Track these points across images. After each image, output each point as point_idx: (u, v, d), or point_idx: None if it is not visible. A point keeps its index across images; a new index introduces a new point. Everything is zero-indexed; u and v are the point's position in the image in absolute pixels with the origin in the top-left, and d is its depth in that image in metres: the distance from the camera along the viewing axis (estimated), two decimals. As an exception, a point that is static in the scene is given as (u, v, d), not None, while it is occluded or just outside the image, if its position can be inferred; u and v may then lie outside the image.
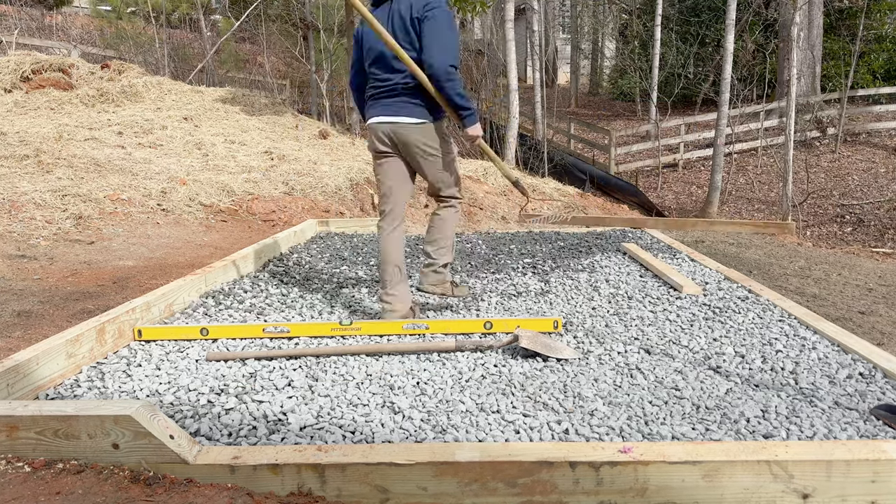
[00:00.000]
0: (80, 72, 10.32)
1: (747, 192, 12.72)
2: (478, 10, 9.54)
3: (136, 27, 18.09)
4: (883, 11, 15.74)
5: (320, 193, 7.15)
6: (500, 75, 17.34)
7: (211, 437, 1.82)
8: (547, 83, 18.35)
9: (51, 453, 1.59)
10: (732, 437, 1.82)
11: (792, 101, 10.38)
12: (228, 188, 6.73)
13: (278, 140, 9.16)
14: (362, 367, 2.34)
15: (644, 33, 18.60)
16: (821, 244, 9.14)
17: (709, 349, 2.54)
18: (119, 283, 4.02)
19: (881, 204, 10.98)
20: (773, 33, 15.88)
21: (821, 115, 14.14)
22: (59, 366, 2.23)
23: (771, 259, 5.96)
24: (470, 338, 2.69)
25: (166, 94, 10.30)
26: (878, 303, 4.56)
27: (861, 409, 1.99)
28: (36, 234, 4.95)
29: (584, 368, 2.34)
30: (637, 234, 5.39)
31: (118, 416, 1.56)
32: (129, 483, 1.50)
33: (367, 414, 1.96)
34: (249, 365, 2.37)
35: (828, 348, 2.53)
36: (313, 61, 15.60)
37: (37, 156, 6.64)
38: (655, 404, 2.03)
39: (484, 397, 2.07)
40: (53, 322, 3.22)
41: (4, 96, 9.25)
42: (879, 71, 15.65)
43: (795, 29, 10.37)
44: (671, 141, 14.50)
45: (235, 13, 19.63)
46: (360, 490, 1.58)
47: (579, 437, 1.83)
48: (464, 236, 5.24)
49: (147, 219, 5.74)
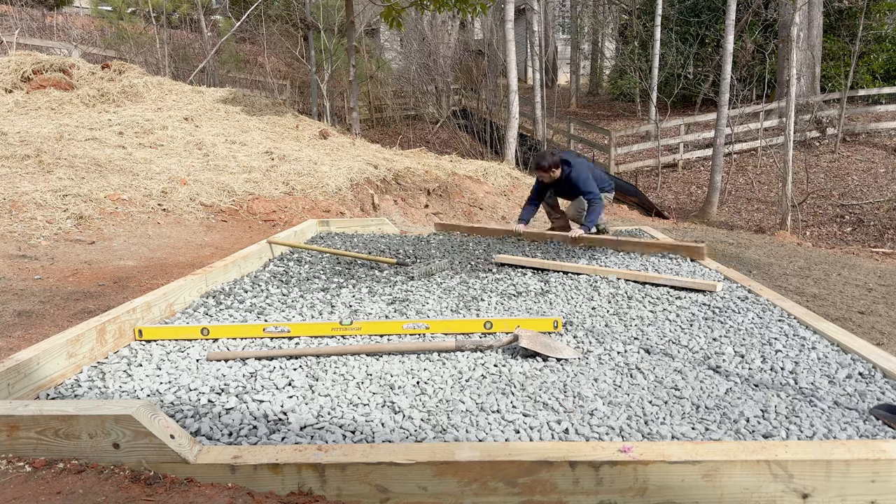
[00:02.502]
0: (80, 72, 10.32)
1: (747, 192, 12.72)
2: (478, 11, 9.55)
3: (136, 27, 18.10)
4: (883, 11, 15.74)
5: (321, 193, 7.15)
6: (500, 75, 17.35)
7: (211, 436, 1.83)
8: (547, 83, 18.36)
9: (51, 453, 1.60)
10: (732, 436, 1.82)
11: (791, 102, 10.39)
12: (229, 188, 6.73)
13: (279, 140, 9.16)
14: (362, 367, 2.34)
15: (644, 33, 18.60)
16: (820, 244, 9.14)
17: (708, 349, 2.54)
18: (120, 283, 4.02)
19: (881, 204, 10.98)
20: (773, 33, 15.89)
21: (820, 115, 14.14)
22: (60, 365, 2.23)
23: (771, 259, 5.96)
24: (470, 338, 2.69)
25: (167, 95, 10.30)
26: (877, 303, 4.56)
27: (861, 409, 1.99)
28: (37, 233, 4.95)
29: (584, 368, 2.34)
30: (637, 233, 5.40)
31: (119, 416, 1.56)
32: (129, 483, 1.50)
33: (368, 413, 1.96)
34: (250, 364, 2.37)
35: (827, 348, 2.53)
36: (314, 61, 15.61)
37: (37, 156, 6.64)
38: (655, 404, 2.03)
39: (484, 397, 2.08)
40: (54, 322, 3.22)
41: (5, 96, 9.26)
42: (879, 71, 15.65)
43: (795, 29, 10.37)
44: (671, 141, 14.51)
45: (236, 13, 19.65)
46: (360, 489, 1.58)
47: (579, 436, 1.83)
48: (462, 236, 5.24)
49: (148, 219, 5.75)
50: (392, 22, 9.72)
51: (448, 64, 18.72)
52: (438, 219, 7.74)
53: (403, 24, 9.89)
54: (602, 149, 14.56)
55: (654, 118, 15.17)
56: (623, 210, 11.03)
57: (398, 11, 9.62)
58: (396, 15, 9.61)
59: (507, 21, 11.96)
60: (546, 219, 5.89)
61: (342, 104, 17.39)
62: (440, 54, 18.70)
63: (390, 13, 9.64)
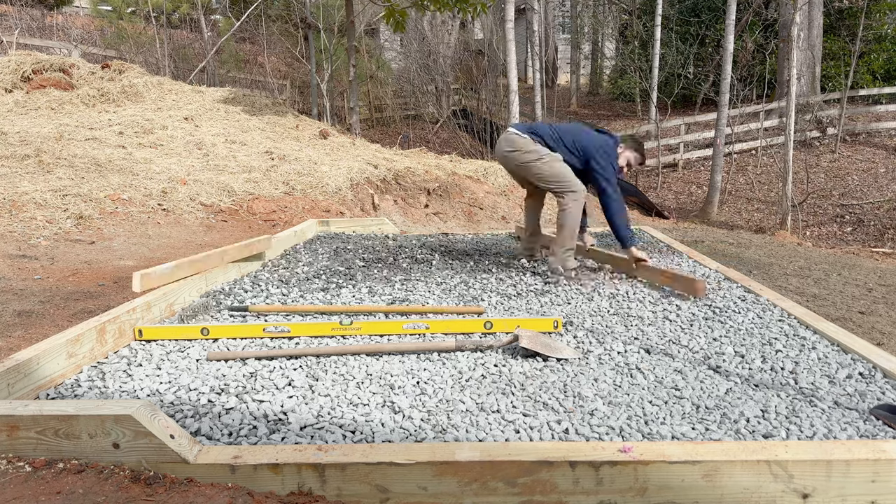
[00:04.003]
0: (80, 72, 10.32)
1: (747, 192, 12.72)
2: (478, 11, 9.53)
3: (136, 27, 18.10)
4: (883, 11, 15.74)
5: (321, 193, 7.15)
6: (500, 75, 17.35)
7: (211, 436, 1.83)
8: (547, 83, 18.36)
9: (51, 453, 1.60)
10: (732, 436, 1.82)
11: (792, 101, 10.39)
12: (229, 188, 6.73)
13: (279, 140, 9.16)
14: (362, 367, 2.34)
15: (644, 33, 18.60)
16: (821, 244, 9.14)
17: (709, 349, 2.54)
18: (120, 283, 4.02)
19: (881, 204, 10.98)
20: (773, 33, 15.88)
21: (821, 115, 14.14)
22: (60, 365, 2.23)
23: (771, 259, 5.96)
24: (470, 338, 2.69)
25: (167, 94, 10.30)
26: (878, 303, 4.56)
27: (861, 409, 1.99)
28: (37, 233, 4.95)
29: (584, 368, 2.34)
30: (637, 233, 5.40)
31: (119, 416, 1.56)
32: (129, 483, 1.50)
33: (368, 413, 1.96)
34: (250, 364, 2.37)
35: (828, 348, 2.53)
36: (314, 61, 15.60)
37: (37, 156, 6.64)
38: (655, 404, 2.03)
39: (484, 397, 2.08)
40: (54, 322, 3.22)
41: (5, 96, 9.26)
42: (879, 71, 15.65)
43: (795, 29, 10.37)
44: (671, 141, 14.50)
45: (236, 13, 19.65)
46: (360, 489, 1.58)
47: (579, 436, 1.83)
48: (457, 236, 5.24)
49: (148, 219, 5.74)
50: (395, 25, 9.69)
51: (448, 64, 18.72)
52: (439, 219, 7.74)
53: (404, 26, 9.86)
54: (602, 149, 14.54)
55: (654, 118, 15.17)
56: (623, 210, 11.01)
57: (399, 13, 9.59)
58: (399, 17, 9.58)
59: (507, 21, 11.96)
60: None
61: (342, 104, 17.39)
62: (440, 54, 18.70)
63: (392, 14, 9.62)
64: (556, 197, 3.73)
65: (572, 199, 3.66)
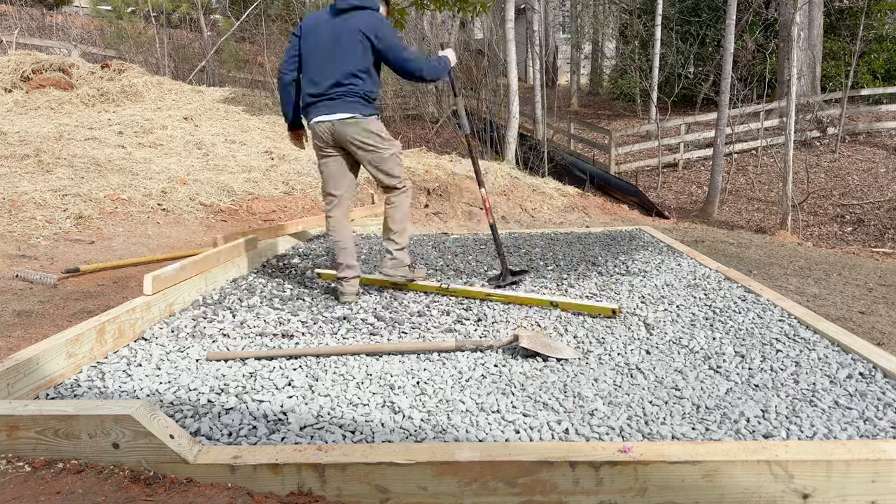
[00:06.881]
0: (80, 71, 10.32)
1: (747, 191, 12.71)
2: (478, 11, 9.53)
3: (136, 27, 18.10)
4: (883, 11, 15.73)
5: (320, 193, 7.15)
6: (501, 75, 17.35)
7: (211, 436, 1.83)
8: (547, 83, 18.35)
9: (51, 453, 1.59)
10: (732, 436, 1.82)
11: (792, 101, 10.38)
12: (229, 188, 6.73)
13: (278, 140, 9.16)
14: (362, 367, 2.34)
15: (644, 33, 18.59)
16: (821, 244, 9.14)
17: (709, 349, 2.54)
18: (119, 283, 4.02)
19: (881, 204, 10.97)
20: (773, 33, 15.88)
21: (821, 114, 14.13)
22: (60, 365, 2.23)
23: (771, 259, 5.96)
24: (470, 338, 2.69)
25: (166, 94, 10.30)
26: (878, 303, 4.56)
27: (861, 408, 1.99)
28: (36, 233, 4.95)
29: (584, 368, 2.34)
30: (637, 233, 5.39)
31: (119, 416, 1.56)
32: (129, 483, 1.50)
33: (368, 414, 1.96)
34: (249, 364, 2.37)
35: (828, 348, 2.53)
36: (314, 61, 15.56)
37: (37, 155, 6.64)
38: (655, 404, 2.03)
39: (484, 397, 2.07)
40: (54, 321, 3.22)
41: (5, 96, 9.25)
42: (880, 71, 15.65)
43: (795, 29, 10.37)
44: (671, 141, 14.49)
45: (235, 13, 19.65)
46: (360, 490, 1.58)
47: (579, 436, 1.83)
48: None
49: (147, 218, 5.74)
50: (395, 24, 9.68)
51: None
52: (439, 218, 7.73)
53: (404, 24, 9.85)
54: (602, 148, 14.56)
55: (654, 118, 15.16)
56: (623, 210, 11.02)
57: (399, 12, 9.58)
58: (398, 16, 9.57)
59: (507, 21, 11.95)
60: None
61: (342, 104, 17.33)
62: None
63: (391, 14, 9.61)
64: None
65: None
